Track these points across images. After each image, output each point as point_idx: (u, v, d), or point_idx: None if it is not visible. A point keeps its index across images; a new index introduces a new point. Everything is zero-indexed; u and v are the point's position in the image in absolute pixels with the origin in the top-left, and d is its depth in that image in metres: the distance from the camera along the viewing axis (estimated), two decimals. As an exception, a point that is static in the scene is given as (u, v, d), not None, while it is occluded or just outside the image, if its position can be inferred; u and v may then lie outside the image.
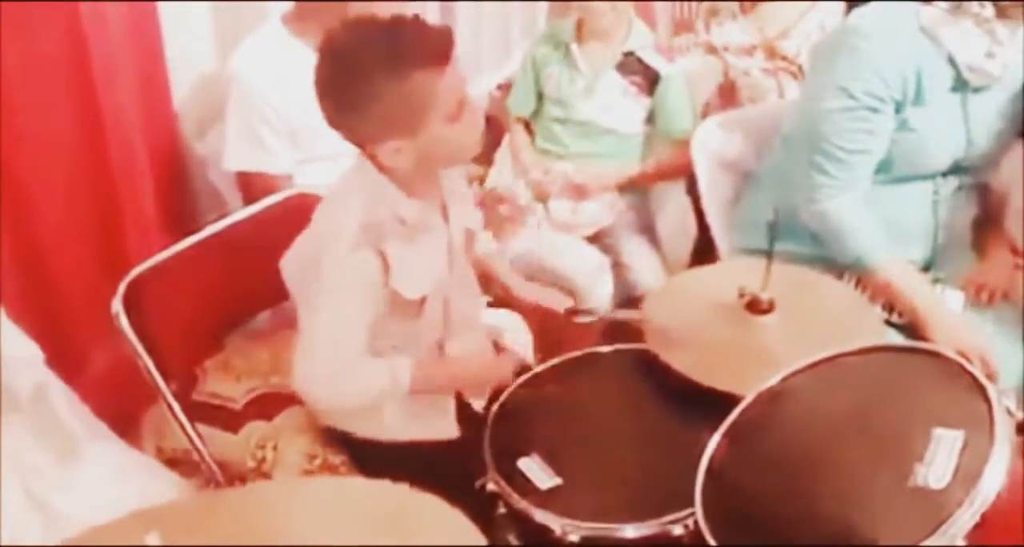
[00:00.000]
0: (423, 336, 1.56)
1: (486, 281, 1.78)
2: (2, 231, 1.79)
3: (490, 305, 1.86)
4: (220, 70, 2.24)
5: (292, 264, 1.52)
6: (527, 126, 2.55)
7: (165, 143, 2.15)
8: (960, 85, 1.83)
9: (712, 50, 2.64)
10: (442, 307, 1.55)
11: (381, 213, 1.41)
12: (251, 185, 2.06)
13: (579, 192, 2.34)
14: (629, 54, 2.36)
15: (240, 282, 1.72)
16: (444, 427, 1.62)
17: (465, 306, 1.62)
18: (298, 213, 1.53)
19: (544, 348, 2.06)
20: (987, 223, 2.02)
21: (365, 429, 1.61)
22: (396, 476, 1.59)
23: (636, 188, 2.45)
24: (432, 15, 2.82)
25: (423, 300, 1.49)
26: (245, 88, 2.02)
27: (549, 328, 2.19)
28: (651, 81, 2.37)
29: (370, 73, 1.31)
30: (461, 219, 1.56)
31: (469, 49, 3.07)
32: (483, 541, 1.07)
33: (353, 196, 1.43)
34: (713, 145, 2.17)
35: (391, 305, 1.47)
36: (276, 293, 1.66)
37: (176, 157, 2.20)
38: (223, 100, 2.08)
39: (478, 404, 1.65)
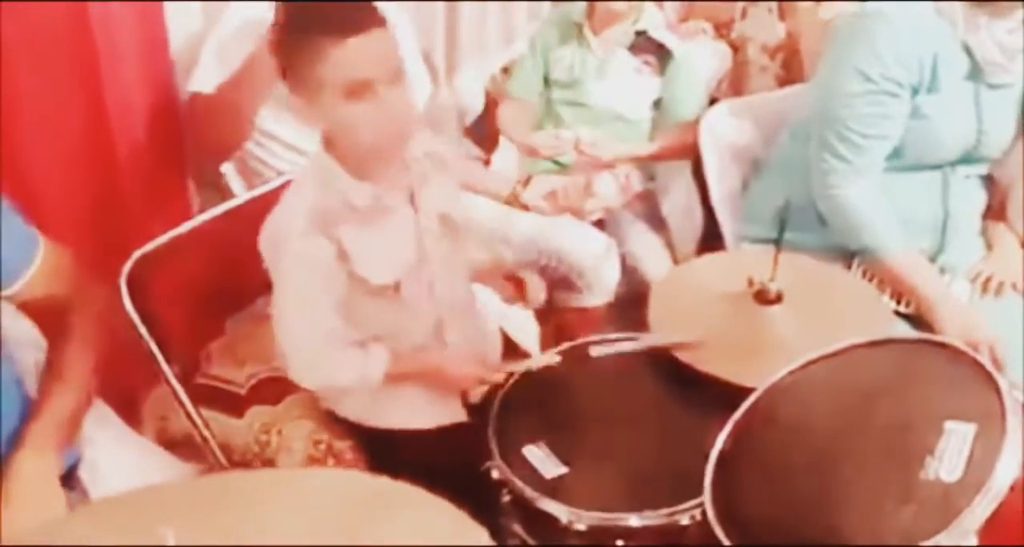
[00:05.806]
0: (411, 323, 1.54)
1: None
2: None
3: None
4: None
5: (264, 243, 1.49)
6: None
7: (168, 124, 2.13)
8: (975, 74, 1.81)
9: (731, 40, 2.62)
10: (426, 293, 1.53)
11: (331, 198, 1.41)
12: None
13: (595, 163, 2.31)
14: (641, 33, 2.33)
15: (243, 265, 1.70)
16: (454, 412, 1.60)
17: (454, 292, 1.59)
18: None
19: (549, 335, 2.05)
20: (995, 214, 2.01)
21: (376, 418, 1.60)
22: (402, 461, 1.59)
23: (642, 167, 2.43)
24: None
25: (398, 286, 1.48)
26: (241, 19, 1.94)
27: (554, 315, 2.19)
28: (662, 61, 2.33)
29: (284, 25, 1.36)
30: (435, 204, 1.52)
31: (473, 32, 3.04)
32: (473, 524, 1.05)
33: (306, 181, 1.43)
34: (722, 132, 2.14)
35: (364, 291, 1.46)
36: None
37: (179, 138, 2.18)
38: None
39: (475, 395, 1.63)
